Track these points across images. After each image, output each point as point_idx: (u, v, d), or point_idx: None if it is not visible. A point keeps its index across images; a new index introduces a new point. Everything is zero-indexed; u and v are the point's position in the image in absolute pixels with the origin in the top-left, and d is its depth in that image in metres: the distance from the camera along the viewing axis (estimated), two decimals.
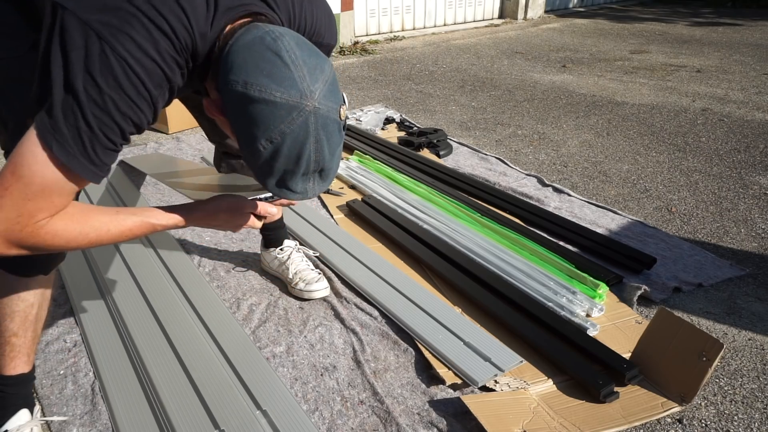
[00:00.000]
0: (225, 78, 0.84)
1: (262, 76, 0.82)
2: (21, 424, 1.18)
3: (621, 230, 2.14)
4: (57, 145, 0.81)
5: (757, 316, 1.66)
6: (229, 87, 0.84)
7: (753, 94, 4.00)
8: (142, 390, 1.35)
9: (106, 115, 0.82)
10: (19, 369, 1.18)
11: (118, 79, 0.81)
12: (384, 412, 1.30)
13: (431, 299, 1.68)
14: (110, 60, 0.80)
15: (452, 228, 2.09)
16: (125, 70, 0.81)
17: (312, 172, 0.89)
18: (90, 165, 0.84)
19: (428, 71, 4.81)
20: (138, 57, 0.82)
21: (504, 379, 1.38)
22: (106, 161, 0.86)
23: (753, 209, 2.33)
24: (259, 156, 0.86)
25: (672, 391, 1.33)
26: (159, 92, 0.86)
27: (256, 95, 0.82)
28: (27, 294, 1.13)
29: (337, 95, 0.88)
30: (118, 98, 0.81)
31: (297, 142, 0.84)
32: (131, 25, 0.81)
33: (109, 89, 0.80)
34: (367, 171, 2.62)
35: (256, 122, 0.83)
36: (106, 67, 0.80)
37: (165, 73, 0.86)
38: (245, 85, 0.82)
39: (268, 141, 0.84)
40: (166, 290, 1.72)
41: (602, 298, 1.69)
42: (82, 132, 0.81)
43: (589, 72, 4.75)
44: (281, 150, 0.84)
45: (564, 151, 3.00)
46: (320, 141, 0.86)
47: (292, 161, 0.86)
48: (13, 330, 1.14)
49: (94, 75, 0.80)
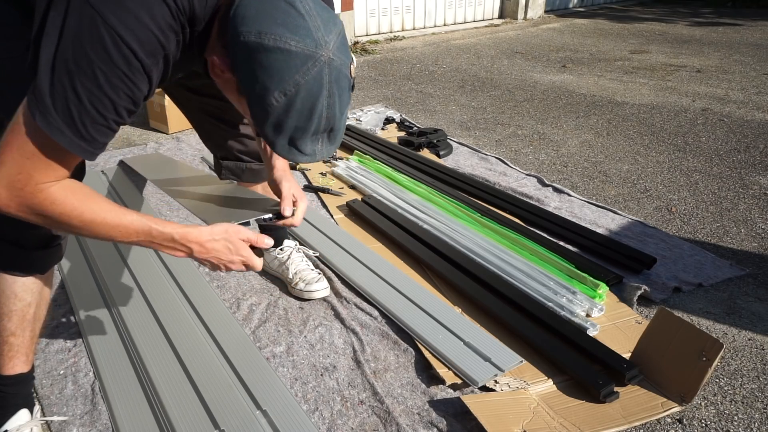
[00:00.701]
0: (236, 30, 0.81)
1: (276, 25, 0.80)
2: (21, 424, 1.18)
3: (621, 230, 2.14)
4: (39, 115, 0.80)
5: (757, 316, 1.66)
6: (241, 39, 0.81)
7: (753, 94, 4.01)
8: (142, 390, 1.35)
9: (96, 87, 0.80)
10: (18, 369, 1.18)
11: (108, 50, 0.78)
12: (384, 412, 1.30)
13: (431, 299, 1.68)
14: (100, 30, 0.77)
15: (452, 228, 2.09)
16: (115, 41, 0.78)
17: (322, 131, 0.88)
18: (78, 139, 0.82)
19: (428, 71, 4.81)
20: (130, 25, 0.79)
21: (504, 379, 1.38)
22: (97, 137, 0.84)
23: (753, 209, 2.33)
24: (270, 111, 0.83)
25: (672, 391, 1.33)
26: (152, 61, 0.83)
27: (270, 44, 0.80)
28: (24, 293, 1.12)
29: (348, 51, 0.87)
30: (107, 70, 0.79)
31: (311, 94, 0.83)
32: None
33: (100, 61, 0.78)
34: (367, 171, 2.62)
35: (270, 73, 0.81)
36: (97, 38, 0.78)
37: (159, 41, 0.83)
38: (259, 34, 0.80)
39: (281, 93, 0.82)
40: (166, 290, 1.72)
41: (602, 298, 1.69)
42: (70, 103, 0.80)
43: (589, 72, 4.75)
44: (294, 103, 0.82)
45: (564, 151, 3.00)
46: (333, 95, 0.85)
47: (305, 116, 0.84)
48: (11, 329, 1.14)
49: (84, 46, 0.78)
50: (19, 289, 1.11)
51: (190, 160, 2.77)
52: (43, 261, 1.12)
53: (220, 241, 1.03)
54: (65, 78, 0.79)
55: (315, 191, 2.45)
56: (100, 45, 0.78)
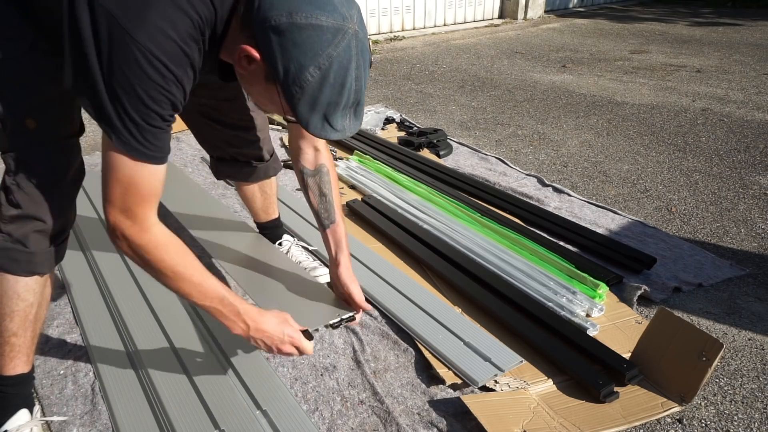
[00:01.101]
0: (265, 17, 0.85)
1: (305, 4, 0.85)
2: (21, 424, 1.18)
3: (621, 230, 2.14)
4: (116, 138, 0.91)
5: (757, 316, 1.66)
6: (272, 22, 0.85)
7: (753, 94, 4.01)
8: (142, 390, 1.34)
9: (143, 105, 0.89)
10: (18, 369, 1.18)
11: (143, 67, 0.85)
12: (384, 412, 1.30)
13: (431, 299, 1.68)
14: (132, 48, 0.84)
15: (452, 228, 2.09)
16: (147, 57, 0.85)
17: (351, 104, 0.93)
18: (145, 149, 0.93)
19: (428, 71, 4.81)
20: (158, 40, 0.85)
21: (504, 379, 1.38)
22: (156, 142, 0.94)
23: (753, 209, 2.33)
24: (306, 88, 0.88)
25: (672, 391, 1.33)
26: (182, 71, 0.91)
27: (303, 22, 0.84)
28: (27, 294, 1.13)
29: (365, 26, 0.93)
30: (147, 87, 0.87)
31: (342, 66, 0.88)
32: (149, 7, 0.85)
33: (138, 80, 0.86)
34: (367, 171, 2.62)
35: (304, 49, 0.85)
36: (131, 58, 0.85)
37: (184, 51, 0.89)
38: (290, 14, 0.84)
39: (316, 68, 0.86)
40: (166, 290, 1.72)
41: (602, 298, 1.69)
42: (127, 124, 0.90)
43: (589, 72, 4.75)
44: (328, 76, 0.87)
45: (564, 151, 3.00)
46: (359, 67, 0.91)
47: (337, 90, 0.89)
48: (13, 330, 1.14)
49: (122, 67, 0.85)
50: (21, 289, 1.12)
51: (190, 160, 2.77)
52: (46, 261, 1.13)
53: (277, 326, 1.13)
54: (117, 103, 0.88)
55: None
56: (135, 64, 0.85)
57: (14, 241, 1.07)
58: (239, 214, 2.26)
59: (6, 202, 1.07)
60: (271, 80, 0.90)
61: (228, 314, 1.09)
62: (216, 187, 2.49)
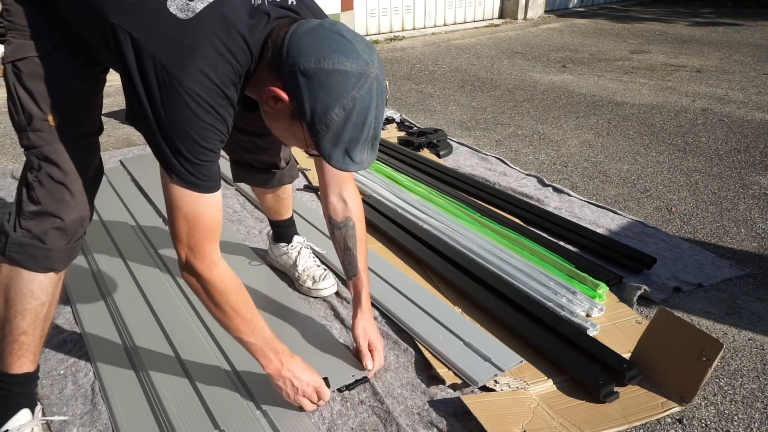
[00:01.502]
0: (294, 62, 0.93)
1: (332, 51, 0.93)
2: (21, 423, 1.18)
3: (621, 230, 2.15)
4: (176, 177, 1.00)
5: (757, 316, 1.66)
6: (302, 67, 0.93)
7: (753, 94, 4.01)
8: (142, 390, 1.34)
9: (196, 144, 0.97)
10: (25, 368, 1.18)
11: (193, 109, 0.94)
12: (384, 412, 1.30)
13: (431, 299, 1.68)
14: (181, 93, 0.92)
15: (452, 228, 2.09)
16: (196, 100, 0.93)
17: (369, 139, 1.00)
18: (200, 182, 1.01)
19: (428, 71, 4.81)
20: (204, 84, 0.94)
21: (504, 379, 1.38)
22: (208, 174, 1.02)
23: (753, 209, 2.33)
24: (331, 126, 0.95)
25: (672, 391, 1.33)
26: (224, 111, 0.99)
27: (330, 67, 0.92)
28: (41, 292, 1.13)
29: (383, 69, 1.01)
30: (197, 128, 0.96)
31: (364, 107, 0.96)
32: (193, 55, 0.93)
33: (189, 122, 0.95)
34: (367, 171, 2.62)
35: (331, 92, 0.93)
36: (182, 102, 0.93)
37: (225, 94, 0.97)
38: (318, 61, 0.92)
39: (341, 108, 0.94)
40: (166, 290, 1.72)
41: (602, 298, 1.69)
42: (182, 162, 0.99)
43: (589, 72, 4.75)
44: (352, 116, 0.95)
45: (564, 151, 3.00)
46: (378, 106, 0.99)
47: (358, 128, 0.97)
48: (23, 328, 1.14)
49: (174, 111, 0.94)
50: (36, 287, 1.13)
51: None
52: (63, 258, 1.14)
53: (305, 370, 1.24)
54: (171, 143, 0.97)
55: (315, 191, 2.45)
56: (185, 106, 0.93)
57: (32, 237, 1.09)
58: (239, 213, 2.26)
59: (27, 199, 1.09)
60: (296, 118, 0.97)
61: (268, 352, 1.20)
62: None
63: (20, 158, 2.81)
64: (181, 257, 1.07)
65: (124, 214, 2.22)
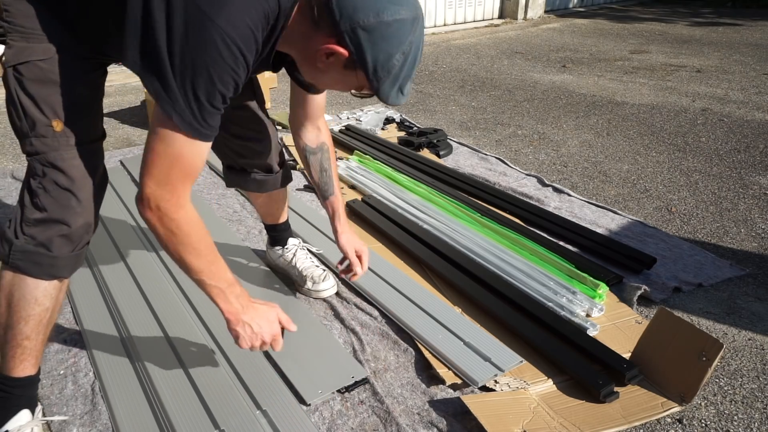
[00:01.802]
0: (351, 18, 0.95)
1: (387, 3, 0.96)
2: (21, 424, 1.18)
3: (621, 230, 2.15)
4: (177, 116, 0.96)
5: (757, 316, 1.66)
6: (361, 23, 0.95)
7: (753, 94, 4.01)
8: (142, 390, 1.35)
9: (212, 85, 0.94)
10: (27, 371, 1.18)
11: (220, 50, 0.91)
12: (384, 412, 1.30)
13: (431, 299, 1.68)
14: (211, 32, 0.90)
15: (452, 228, 2.09)
16: (225, 41, 0.91)
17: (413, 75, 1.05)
18: (201, 128, 0.99)
19: (428, 71, 4.81)
20: (236, 24, 0.92)
21: (504, 379, 1.38)
22: (212, 122, 1.00)
23: (753, 209, 2.33)
24: (392, 70, 1.00)
25: (672, 391, 1.33)
26: (251, 55, 0.98)
27: (389, 19, 0.96)
28: (45, 299, 1.13)
29: None
30: (220, 69, 0.93)
31: (417, 47, 1.02)
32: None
33: (213, 62, 0.92)
34: (367, 171, 2.62)
35: (392, 42, 0.97)
36: (210, 41, 0.90)
37: (255, 37, 0.96)
38: (377, 14, 0.95)
39: (402, 54, 0.99)
40: (166, 290, 1.72)
41: (602, 298, 1.69)
42: (192, 103, 0.95)
43: (589, 72, 4.75)
44: (409, 58, 1.00)
45: (564, 151, 3.00)
46: (423, 42, 1.04)
47: (411, 66, 1.02)
48: (27, 333, 1.14)
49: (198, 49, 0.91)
50: (40, 294, 1.12)
51: None
52: (68, 265, 1.13)
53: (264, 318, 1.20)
54: (187, 82, 0.93)
55: (315, 191, 2.45)
56: (212, 46, 0.91)
57: (37, 245, 1.07)
58: (238, 214, 2.26)
59: (31, 205, 1.07)
60: (350, 68, 1.00)
61: (229, 295, 1.15)
62: (216, 187, 2.49)
63: (20, 158, 2.81)
64: (145, 189, 1.01)
65: (124, 214, 2.22)
